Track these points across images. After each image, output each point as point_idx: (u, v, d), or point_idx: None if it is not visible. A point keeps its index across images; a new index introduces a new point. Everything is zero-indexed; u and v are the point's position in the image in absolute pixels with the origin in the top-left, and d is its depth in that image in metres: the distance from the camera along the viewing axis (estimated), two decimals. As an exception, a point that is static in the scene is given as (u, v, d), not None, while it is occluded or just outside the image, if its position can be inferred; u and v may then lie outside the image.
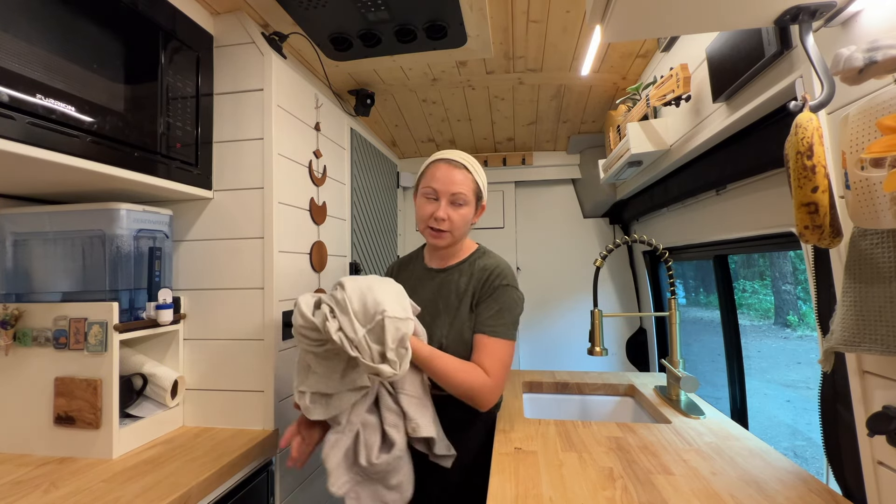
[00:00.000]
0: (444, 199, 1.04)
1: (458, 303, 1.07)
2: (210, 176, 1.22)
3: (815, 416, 0.83)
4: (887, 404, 0.61)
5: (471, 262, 1.12)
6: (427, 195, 1.07)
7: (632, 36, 0.75)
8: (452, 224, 1.05)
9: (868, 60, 0.52)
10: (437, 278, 1.12)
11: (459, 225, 1.07)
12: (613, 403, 1.48)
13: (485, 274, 1.07)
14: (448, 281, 1.11)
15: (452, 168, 1.06)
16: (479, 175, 1.11)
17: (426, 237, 1.09)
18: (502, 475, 0.84)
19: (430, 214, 1.05)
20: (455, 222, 1.05)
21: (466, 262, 1.13)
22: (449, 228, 1.05)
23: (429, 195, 1.06)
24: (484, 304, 1.05)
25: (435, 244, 1.08)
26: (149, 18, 1.01)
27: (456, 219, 1.05)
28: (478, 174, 1.10)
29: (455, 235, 1.07)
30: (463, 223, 1.07)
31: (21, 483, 0.88)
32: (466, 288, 1.08)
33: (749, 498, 0.75)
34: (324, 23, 1.25)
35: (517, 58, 1.58)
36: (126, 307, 1.06)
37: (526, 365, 2.40)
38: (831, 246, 0.60)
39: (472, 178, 1.08)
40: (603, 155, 2.13)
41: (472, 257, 1.13)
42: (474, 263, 1.11)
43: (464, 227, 1.08)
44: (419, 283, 1.13)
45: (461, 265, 1.12)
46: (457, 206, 1.06)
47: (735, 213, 1.24)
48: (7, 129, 0.72)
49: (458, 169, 1.06)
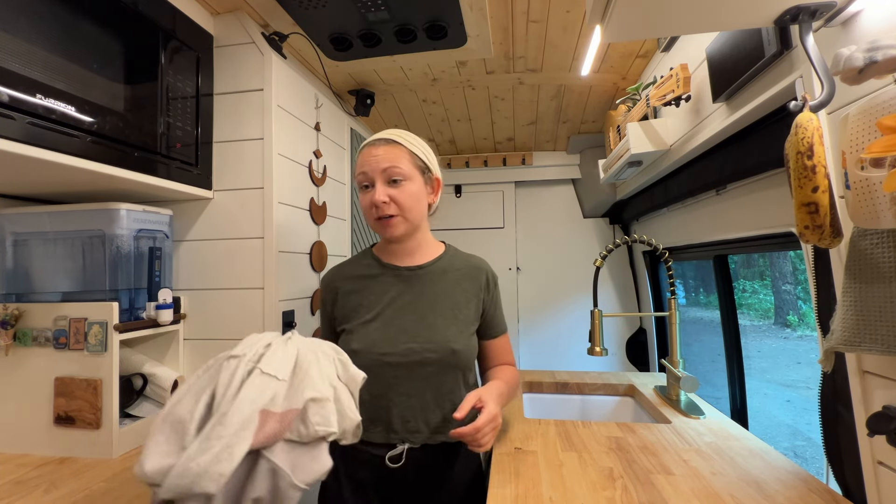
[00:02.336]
0: (378, 179, 0.90)
1: (459, 307, 0.96)
2: (210, 176, 1.22)
3: (815, 416, 0.83)
4: (887, 404, 0.61)
5: (450, 259, 1.00)
6: (362, 185, 0.93)
7: (632, 36, 0.75)
8: (399, 205, 0.90)
9: (868, 60, 0.52)
10: (418, 277, 0.97)
11: (408, 205, 0.91)
12: (613, 403, 1.48)
13: (482, 275, 1.01)
14: (433, 280, 0.97)
15: (377, 147, 0.92)
16: (417, 146, 0.94)
17: (380, 232, 0.95)
18: (502, 475, 0.84)
19: (370, 204, 0.91)
20: (402, 202, 0.90)
21: (444, 259, 1.00)
22: (397, 212, 0.90)
23: (363, 184, 0.92)
24: (492, 306, 1.02)
25: (390, 235, 0.93)
26: (149, 18, 1.00)
27: (402, 198, 0.90)
28: (414, 145, 0.94)
29: (408, 218, 0.92)
30: (413, 202, 0.92)
31: (21, 483, 0.87)
32: (464, 289, 0.98)
33: (749, 498, 0.75)
34: (324, 23, 1.25)
35: (517, 58, 1.58)
36: (126, 307, 1.06)
37: (526, 365, 2.40)
38: (831, 246, 0.60)
39: (405, 150, 0.92)
40: (603, 155, 2.13)
41: (447, 255, 1.01)
42: (456, 261, 1.01)
43: (416, 206, 0.92)
44: (387, 281, 0.96)
45: (439, 262, 0.99)
46: (396, 184, 0.90)
47: (735, 213, 1.24)
48: (7, 129, 0.72)
49: (386, 145, 0.91)
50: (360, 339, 0.90)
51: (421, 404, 0.90)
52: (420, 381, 0.90)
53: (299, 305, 1.32)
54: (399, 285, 0.96)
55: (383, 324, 0.91)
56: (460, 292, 0.97)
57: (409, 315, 0.92)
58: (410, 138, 0.95)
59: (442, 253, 1.01)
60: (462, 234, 2.50)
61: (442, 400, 0.91)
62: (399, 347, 0.89)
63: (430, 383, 0.90)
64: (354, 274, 0.99)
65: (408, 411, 0.89)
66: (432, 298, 0.95)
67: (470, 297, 0.98)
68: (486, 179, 2.48)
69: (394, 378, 0.89)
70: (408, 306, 0.93)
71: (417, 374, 0.89)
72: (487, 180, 2.48)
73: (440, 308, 0.94)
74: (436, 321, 0.93)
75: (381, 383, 0.88)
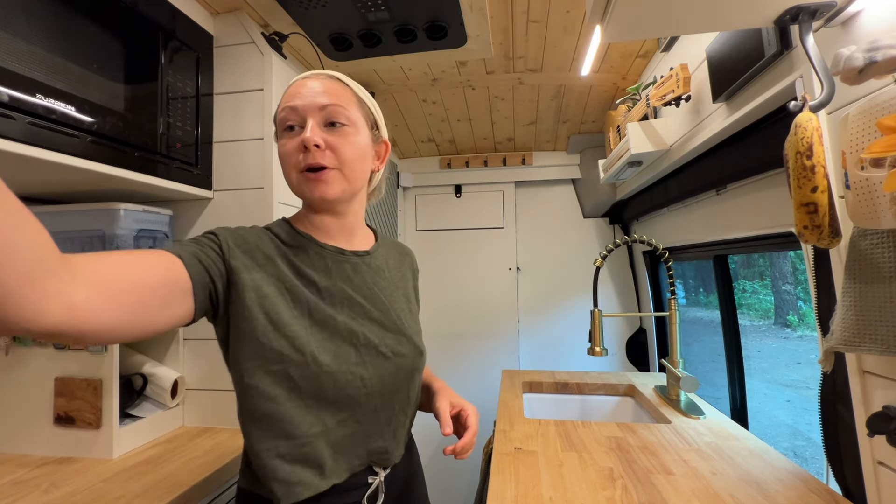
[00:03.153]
0: (313, 118, 0.66)
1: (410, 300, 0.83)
2: (210, 176, 1.22)
3: (815, 416, 0.83)
4: (887, 404, 0.61)
5: (385, 244, 0.83)
6: (286, 125, 0.67)
7: (632, 36, 0.75)
8: (339, 156, 0.66)
9: (868, 60, 0.52)
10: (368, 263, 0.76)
11: (350, 157, 0.67)
12: (613, 403, 1.48)
13: (413, 262, 0.89)
14: (382, 267, 0.78)
15: (315, 79, 0.69)
16: (366, 95, 0.74)
17: (303, 190, 0.67)
18: (502, 475, 0.84)
19: (296, 147, 0.66)
20: (342, 153, 0.67)
21: (382, 244, 0.82)
22: (334, 163, 0.66)
23: (287, 123, 0.67)
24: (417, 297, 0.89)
25: (321, 194, 0.66)
26: (149, 18, 1.00)
27: (342, 148, 0.67)
28: (363, 91, 0.74)
29: (347, 176, 0.68)
30: (356, 156, 0.69)
31: (21, 483, 0.87)
32: (407, 278, 0.85)
33: (749, 498, 0.75)
34: (324, 23, 1.25)
35: (517, 58, 1.58)
36: (126, 307, 1.06)
37: (526, 365, 2.40)
38: (831, 246, 0.60)
39: (352, 92, 0.71)
40: (603, 155, 2.13)
41: (382, 239, 0.84)
42: (389, 245, 0.85)
43: (359, 164, 0.70)
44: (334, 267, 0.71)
45: (381, 247, 0.81)
46: (336, 129, 0.67)
47: (735, 213, 1.24)
48: (7, 129, 0.72)
49: (328, 79, 0.69)
50: (323, 349, 0.65)
51: (388, 418, 0.72)
52: (391, 394, 0.71)
53: (299, 305, 1.32)
54: (348, 275, 0.72)
55: (346, 326, 0.68)
56: (406, 283, 0.84)
57: (370, 314, 0.72)
58: (358, 86, 0.74)
59: (376, 237, 0.82)
60: (462, 234, 2.50)
61: (407, 408, 0.76)
62: (370, 355, 0.69)
63: (400, 393, 0.73)
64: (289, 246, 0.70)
65: (375, 429, 0.70)
66: (388, 292, 0.76)
67: (412, 289, 0.86)
68: (486, 179, 2.48)
69: (366, 395, 0.68)
70: (365, 303, 0.72)
71: (390, 386, 0.71)
72: (487, 180, 2.48)
73: (398, 303, 0.77)
74: (399, 318, 0.75)
75: (349, 402, 0.67)
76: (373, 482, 0.70)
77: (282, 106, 0.69)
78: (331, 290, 0.69)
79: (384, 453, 0.72)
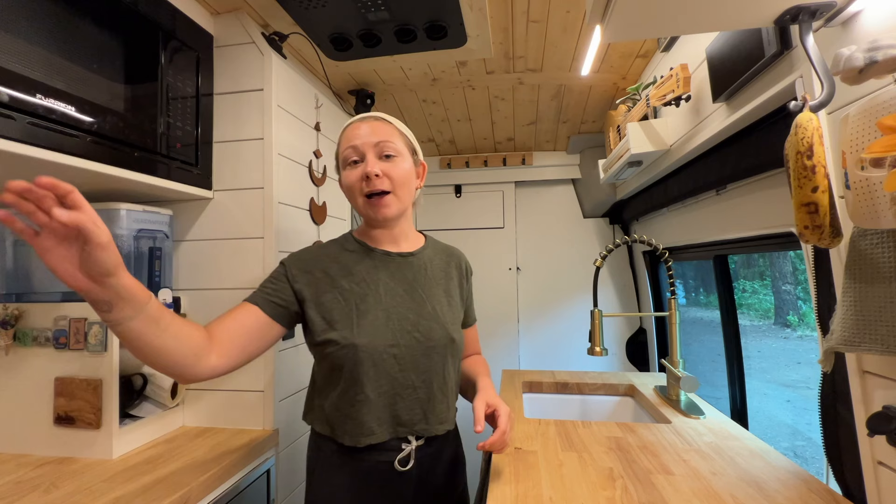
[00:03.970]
0: (370, 153, 0.85)
1: (451, 295, 0.96)
2: (210, 176, 1.22)
3: (815, 416, 0.83)
4: (887, 404, 0.61)
5: (433, 248, 1.00)
6: (349, 161, 0.87)
7: (632, 36, 0.75)
8: (393, 181, 0.86)
9: (868, 60, 0.52)
10: (411, 262, 0.94)
11: (401, 181, 0.87)
12: (613, 403, 1.48)
13: (462, 264, 1.03)
14: (424, 267, 0.94)
15: (367, 122, 0.89)
16: (405, 128, 0.94)
17: (368, 212, 0.88)
18: (502, 475, 0.84)
19: (359, 177, 0.85)
20: (396, 178, 0.86)
21: (429, 247, 0.99)
22: (390, 188, 0.86)
23: (350, 159, 0.87)
24: (470, 295, 1.06)
25: (382, 215, 0.87)
26: (149, 18, 1.01)
27: (395, 174, 0.86)
28: (403, 126, 0.94)
29: (400, 197, 0.88)
30: (405, 180, 0.88)
31: (21, 483, 0.88)
32: (451, 277, 0.98)
33: (749, 498, 0.75)
34: (324, 23, 1.25)
35: (517, 58, 1.58)
36: (126, 307, 1.06)
37: (526, 365, 2.40)
38: (831, 246, 0.60)
39: (395, 129, 0.90)
40: (603, 155, 2.13)
41: (430, 243, 1.00)
42: (439, 250, 1.01)
43: (408, 186, 0.89)
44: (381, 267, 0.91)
45: (426, 250, 0.98)
46: (389, 160, 0.87)
47: (735, 213, 1.24)
48: (7, 129, 0.72)
49: (376, 121, 0.89)
50: (363, 333, 0.83)
51: (428, 394, 0.87)
52: (425, 372, 0.86)
53: (299, 305, 1.33)
54: (394, 271, 0.91)
55: (386, 313, 0.86)
56: (450, 280, 0.97)
57: (408, 303, 0.88)
58: (397, 121, 0.93)
59: (425, 241, 1.00)
60: (462, 234, 2.50)
61: (445, 388, 0.90)
62: (405, 338, 0.85)
63: (435, 373, 0.88)
64: (344, 255, 0.91)
65: (416, 403, 0.86)
66: (427, 286, 0.92)
67: (456, 286, 0.99)
68: (486, 179, 2.48)
69: (400, 371, 0.84)
70: (405, 294, 0.89)
71: (422, 365, 0.86)
72: (487, 180, 2.48)
73: (436, 296, 0.92)
74: (435, 309, 0.90)
75: (388, 378, 0.84)
76: (406, 448, 0.85)
77: (343, 146, 0.89)
78: (376, 283, 0.88)
79: (418, 423, 0.86)
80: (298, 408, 1.30)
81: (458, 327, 0.93)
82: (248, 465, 1.06)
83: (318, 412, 0.89)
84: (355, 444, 0.83)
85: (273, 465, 1.16)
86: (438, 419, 0.88)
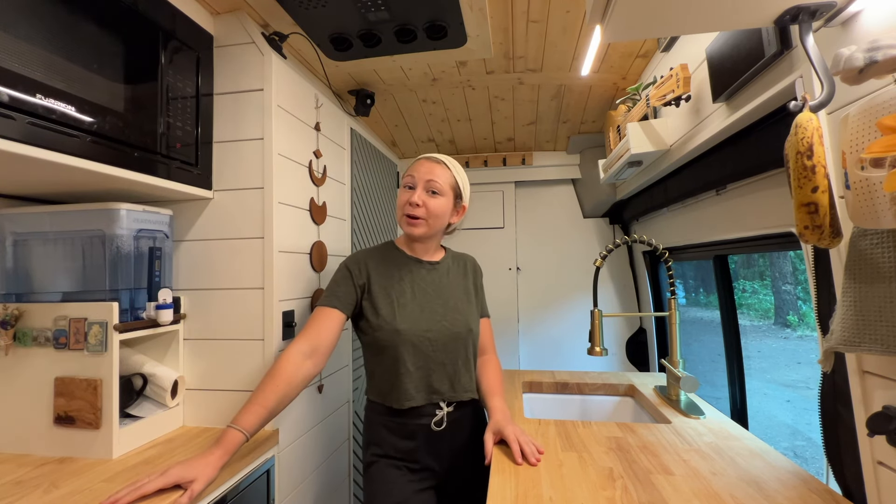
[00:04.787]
0: (420, 185, 1.10)
1: (468, 294, 1.21)
2: (210, 176, 1.21)
3: (815, 416, 0.83)
4: (887, 404, 0.61)
5: (452, 257, 1.25)
6: (406, 185, 1.13)
7: (632, 36, 0.75)
8: (428, 211, 1.10)
9: (868, 60, 0.52)
10: (437, 269, 1.19)
11: (436, 213, 1.11)
12: (613, 403, 1.48)
13: (474, 264, 1.29)
14: (447, 273, 1.20)
15: (432, 162, 1.13)
16: (459, 174, 1.16)
17: (403, 227, 1.13)
18: (502, 475, 0.84)
19: (405, 201, 1.11)
20: (431, 210, 1.10)
21: (448, 257, 1.24)
22: (424, 216, 1.10)
23: (407, 184, 1.12)
24: (481, 290, 1.28)
25: (411, 232, 1.12)
26: (149, 18, 1.00)
27: (432, 206, 1.10)
28: (457, 172, 1.15)
29: (430, 224, 1.11)
30: (439, 212, 1.11)
31: (21, 483, 0.87)
32: (467, 278, 1.23)
33: (749, 498, 0.75)
34: (324, 23, 1.25)
35: (517, 58, 1.58)
36: (126, 307, 1.06)
37: (526, 365, 2.40)
38: (831, 246, 0.60)
39: (450, 174, 1.13)
40: (603, 155, 2.13)
41: (449, 254, 1.26)
42: (456, 258, 1.26)
43: (440, 217, 1.12)
44: (415, 271, 1.16)
45: (446, 260, 1.23)
46: (432, 195, 1.10)
47: (735, 213, 1.24)
48: (7, 129, 0.72)
49: (438, 164, 1.13)
50: (404, 320, 1.07)
51: (454, 370, 1.10)
52: (452, 353, 1.10)
53: (299, 305, 1.32)
54: (424, 275, 1.16)
55: (420, 307, 1.10)
56: (466, 281, 1.23)
57: (436, 300, 1.13)
58: (458, 168, 1.17)
59: (446, 253, 1.25)
60: (462, 234, 2.50)
61: (468, 365, 1.14)
62: (436, 325, 1.09)
63: (459, 353, 1.11)
64: (387, 259, 1.16)
65: (445, 377, 1.09)
66: (450, 287, 1.17)
67: (472, 285, 1.24)
68: (486, 179, 2.48)
69: (433, 351, 1.08)
70: (434, 293, 1.14)
71: (450, 347, 1.10)
72: (487, 180, 2.48)
73: (458, 295, 1.18)
74: (457, 305, 1.15)
75: (423, 356, 1.07)
76: (439, 413, 1.08)
77: (408, 172, 1.14)
78: (411, 284, 1.13)
79: (447, 392, 1.09)
80: (298, 408, 1.30)
81: (476, 318, 1.20)
82: (248, 466, 1.06)
83: (372, 385, 1.13)
84: (400, 407, 1.05)
85: (273, 465, 1.16)
86: (463, 388, 1.11)
